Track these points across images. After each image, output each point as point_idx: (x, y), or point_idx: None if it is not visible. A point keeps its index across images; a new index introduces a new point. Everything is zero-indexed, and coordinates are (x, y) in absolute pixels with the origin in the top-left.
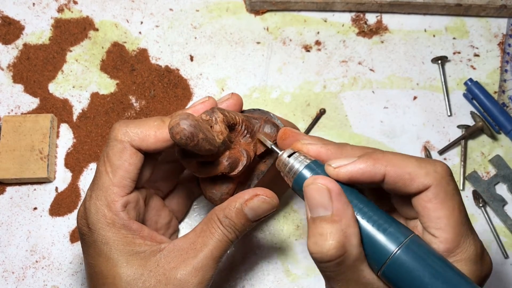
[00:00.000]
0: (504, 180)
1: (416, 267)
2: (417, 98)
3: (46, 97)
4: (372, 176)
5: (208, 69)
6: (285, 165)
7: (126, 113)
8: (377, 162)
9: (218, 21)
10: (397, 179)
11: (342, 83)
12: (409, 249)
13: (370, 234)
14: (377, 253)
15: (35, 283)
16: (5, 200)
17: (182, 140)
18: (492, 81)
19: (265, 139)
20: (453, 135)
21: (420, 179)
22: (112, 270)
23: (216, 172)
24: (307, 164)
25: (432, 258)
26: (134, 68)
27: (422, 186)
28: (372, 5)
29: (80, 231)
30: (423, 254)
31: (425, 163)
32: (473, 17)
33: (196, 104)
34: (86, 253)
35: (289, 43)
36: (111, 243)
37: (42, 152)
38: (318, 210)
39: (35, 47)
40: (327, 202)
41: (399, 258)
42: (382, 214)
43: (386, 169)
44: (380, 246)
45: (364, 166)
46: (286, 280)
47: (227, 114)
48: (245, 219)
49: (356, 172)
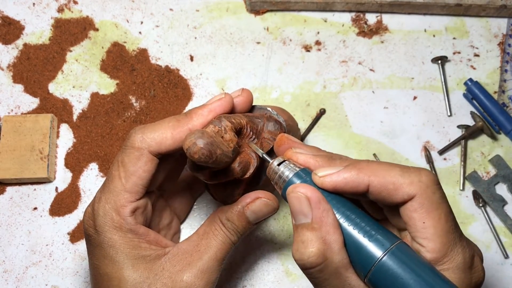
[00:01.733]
0: (504, 180)
1: (402, 274)
2: (417, 98)
3: (46, 97)
4: (356, 186)
5: (208, 69)
6: (275, 172)
7: (126, 113)
8: (360, 172)
9: (218, 21)
10: (381, 189)
11: (342, 83)
12: (395, 255)
13: (356, 240)
14: (363, 259)
15: (35, 283)
16: (5, 200)
17: (201, 159)
18: (492, 81)
19: (256, 148)
20: (453, 135)
21: (404, 189)
22: (117, 273)
23: (229, 178)
24: (296, 172)
25: (418, 265)
26: (134, 68)
27: (407, 196)
28: (372, 5)
29: (86, 232)
30: (409, 260)
31: (409, 173)
32: (473, 17)
33: (213, 101)
34: (91, 254)
35: (289, 43)
36: (117, 246)
37: (42, 152)
38: (299, 218)
39: (35, 47)
40: (307, 210)
41: (385, 264)
42: (370, 221)
43: (370, 179)
44: (366, 252)
45: (348, 176)
46: (286, 280)
47: (233, 120)
48: (246, 222)
49: (340, 182)
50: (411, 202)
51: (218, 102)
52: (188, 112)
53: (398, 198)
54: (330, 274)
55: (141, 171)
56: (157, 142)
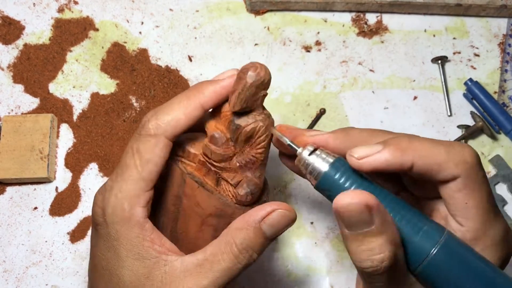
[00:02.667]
0: (504, 180)
1: (453, 266)
2: (417, 98)
3: (46, 97)
4: (398, 168)
5: (208, 69)
6: (307, 164)
7: (126, 113)
8: (404, 153)
9: (218, 21)
10: (425, 169)
11: (342, 83)
12: (445, 248)
13: (406, 234)
14: (413, 253)
15: (35, 283)
16: (5, 200)
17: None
18: (492, 81)
19: (281, 135)
20: (453, 135)
21: (450, 170)
22: (118, 270)
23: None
24: (331, 163)
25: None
26: (134, 68)
27: (451, 176)
28: (372, 5)
29: (94, 220)
30: (459, 252)
31: (454, 152)
32: (473, 17)
33: (225, 77)
34: (95, 244)
35: (289, 43)
36: (121, 239)
37: (42, 152)
38: (359, 227)
39: (35, 47)
40: (369, 218)
41: (436, 258)
42: (415, 212)
43: (414, 160)
44: (417, 246)
45: (390, 158)
46: (286, 280)
47: None
48: (264, 238)
49: (382, 164)
50: (455, 182)
51: (230, 80)
52: (197, 87)
53: (442, 178)
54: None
55: (157, 157)
56: (172, 126)
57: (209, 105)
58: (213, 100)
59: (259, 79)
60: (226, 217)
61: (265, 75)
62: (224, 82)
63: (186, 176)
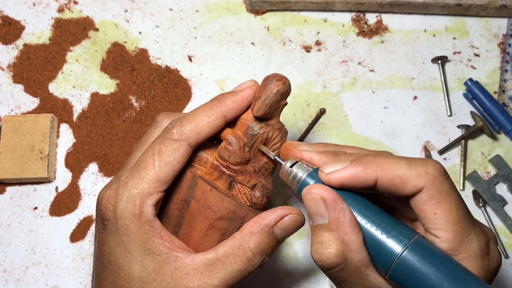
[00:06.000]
0: (504, 180)
1: (422, 268)
2: (417, 98)
3: (46, 97)
4: (363, 181)
5: (208, 69)
6: (288, 174)
7: (126, 113)
8: (367, 167)
9: (218, 21)
10: (388, 183)
11: (342, 83)
12: (413, 250)
13: (375, 237)
14: (382, 256)
15: (35, 283)
16: (5, 200)
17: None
18: (492, 81)
19: (268, 151)
20: (453, 135)
21: (412, 182)
22: (127, 265)
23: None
24: (309, 172)
25: (437, 258)
26: (134, 68)
27: (415, 188)
28: (372, 5)
29: (103, 216)
30: (428, 254)
31: (416, 165)
32: (473, 17)
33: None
34: (103, 241)
35: (289, 43)
36: (132, 235)
37: (42, 152)
38: (316, 219)
39: (35, 47)
40: (324, 211)
41: (405, 260)
42: (386, 217)
43: (377, 174)
44: (385, 249)
45: (354, 171)
46: (286, 280)
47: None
48: (275, 241)
49: (347, 178)
50: (420, 195)
51: (250, 91)
52: (218, 98)
53: (407, 191)
54: (351, 273)
55: (176, 161)
56: (196, 133)
57: (231, 115)
58: (235, 110)
59: (284, 88)
60: (237, 220)
61: (289, 85)
62: (244, 93)
63: (199, 179)
